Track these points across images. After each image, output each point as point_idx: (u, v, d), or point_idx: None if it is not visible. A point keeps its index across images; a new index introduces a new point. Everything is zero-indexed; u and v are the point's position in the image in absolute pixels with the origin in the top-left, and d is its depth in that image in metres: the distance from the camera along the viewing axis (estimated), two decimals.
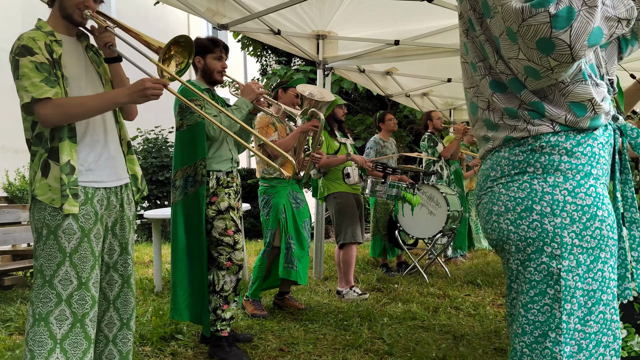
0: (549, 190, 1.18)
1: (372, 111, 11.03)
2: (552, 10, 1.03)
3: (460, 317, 3.69)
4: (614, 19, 1.09)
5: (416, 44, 4.82)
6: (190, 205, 2.84)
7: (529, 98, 1.20)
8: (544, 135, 1.19)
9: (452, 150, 5.61)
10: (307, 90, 3.66)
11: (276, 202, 3.70)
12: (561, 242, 1.16)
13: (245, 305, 3.77)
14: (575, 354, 1.17)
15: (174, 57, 2.08)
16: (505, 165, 1.25)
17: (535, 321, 1.20)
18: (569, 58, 1.06)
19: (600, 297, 1.18)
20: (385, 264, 5.65)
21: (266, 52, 12.37)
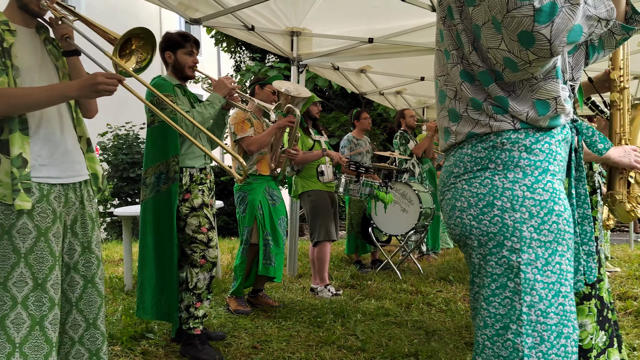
0: (509, 186, 1.21)
1: (347, 109, 11.07)
2: (537, 4, 1.04)
3: (432, 312, 3.74)
4: (594, 18, 1.12)
5: (390, 42, 4.85)
6: (162, 203, 2.80)
7: (495, 92, 1.23)
8: (505, 132, 1.22)
9: (424, 147, 5.66)
10: (284, 87, 3.65)
11: (252, 198, 3.67)
12: (520, 236, 1.19)
13: (228, 302, 3.75)
14: (537, 345, 1.18)
15: (135, 52, 2.02)
16: (468, 161, 1.28)
17: (497, 314, 1.22)
18: (548, 53, 1.07)
19: (559, 289, 1.20)
20: (359, 260, 5.68)
21: (240, 48, 12.28)
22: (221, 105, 2.96)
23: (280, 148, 3.81)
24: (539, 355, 1.19)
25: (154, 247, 2.83)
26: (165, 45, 2.94)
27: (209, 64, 15.99)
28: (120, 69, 1.93)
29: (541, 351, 1.19)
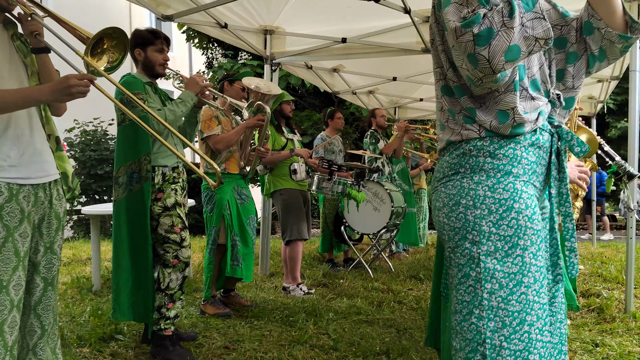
0: (473, 186, 1.37)
1: (319, 107, 11.08)
2: (476, 31, 1.21)
3: (403, 311, 3.78)
4: (531, 38, 1.23)
5: (363, 42, 4.88)
6: (135, 202, 2.75)
7: (466, 104, 1.40)
8: (472, 140, 1.39)
9: (394, 147, 5.72)
10: (253, 83, 3.61)
11: (220, 198, 3.62)
12: (480, 230, 1.34)
13: (204, 310, 3.67)
14: (499, 329, 1.30)
15: (107, 51, 1.98)
16: (445, 167, 1.46)
17: (463, 300, 1.36)
18: (490, 70, 1.23)
19: (521, 279, 1.31)
20: (332, 259, 5.70)
21: (212, 45, 12.16)
22: (193, 103, 2.93)
23: (250, 146, 3.78)
24: (501, 339, 1.30)
25: (129, 247, 2.78)
26: (134, 42, 2.89)
27: (180, 60, 15.78)
28: (91, 68, 1.89)
29: (503, 335, 1.30)
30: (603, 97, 7.12)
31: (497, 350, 1.30)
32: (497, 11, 1.21)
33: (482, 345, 1.31)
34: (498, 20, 1.21)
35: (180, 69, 3.66)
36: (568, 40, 1.49)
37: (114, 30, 1.92)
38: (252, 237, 3.75)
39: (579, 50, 1.49)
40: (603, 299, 3.96)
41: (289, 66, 5.68)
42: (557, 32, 1.49)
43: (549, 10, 1.51)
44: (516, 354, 1.29)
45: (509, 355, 1.29)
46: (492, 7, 1.23)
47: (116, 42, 1.96)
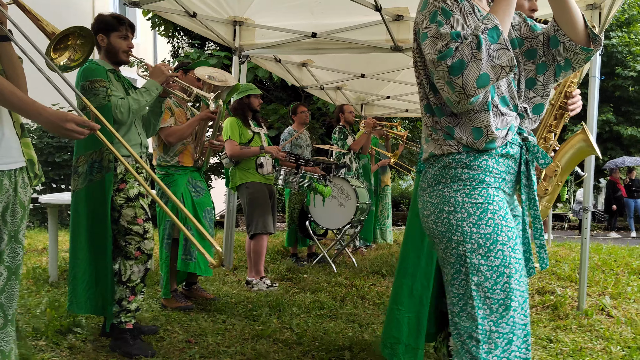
0: (453, 194, 1.55)
1: (287, 101, 11.03)
2: (449, 63, 1.40)
3: (365, 306, 3.82)
4: (498, 67, 1.41)
5: (333, 37, 4.88)
6: (95, 193, 2.68)
7: (445, 122, 1.58)
8: (451, 154, 1.57)
9: (361, 143, 5.76)
10: (207, 73, 3.50)
11: (173, 191, 3.51)
12: (462, 231, 1.52)
13: (165, 304, 3.60)
14: (488, 315, 1.49)
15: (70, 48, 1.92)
16: (429, 178, 1.63)
17: (458, 293, 1.55)
18: (464, 95, 1.42)
19: (503, 270, 1.49)
20: (295, 253, 5.71)
21: (178, 34, 11.92)
22: (158, 93, 2.87)
23: (204, 138, 3.71)
24: (490, 324, 1.49)
25: (88, 239, 2.70)
26: (98, 27, 2.81)
27: (144, 48, 15.40)
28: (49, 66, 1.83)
29: (492, 320, 1.49)
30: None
31: (488, 334, 1.48)
32: (467, 45, 1.39)
33: (476, 331, 1.49)
34: (468, 52, 1.39)
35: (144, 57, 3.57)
36: (537, 53, 1.66)
37: (82, 30, 1.87)
38: (209, 230, 3.69)
39: (548, 61, 1.65)
40: (557, 296, 4.10)
41: (257, 59, 5.63)
42: (527, 45, 1.67)
43: (520, 24, 1.69)
44: (503, 336, 1.48)
45: (498, 337, 1.48)
46: (462, 41, 1.41)
47: (82, 41, 1.90)
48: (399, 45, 4.79)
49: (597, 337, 3.14)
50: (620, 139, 13.88)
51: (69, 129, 1.72)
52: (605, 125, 13.52)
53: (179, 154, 3.60)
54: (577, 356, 2.81)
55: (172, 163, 3.57)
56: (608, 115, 13.50)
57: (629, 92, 13.56)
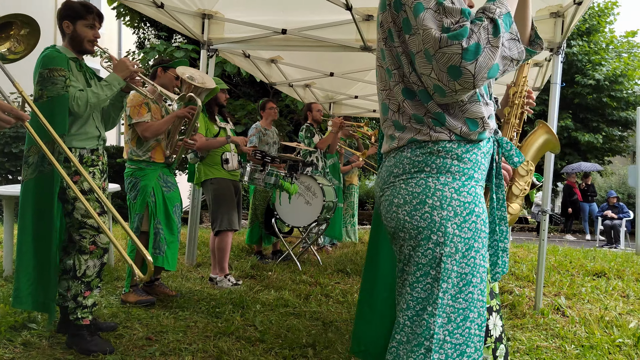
0: (440, 187, 1.38)
1: (254, 97, 10.95)
2: (464, 44, 1.21)
3: (329, 304, 3.84)
4: (508, 58, 1.29)
5: (303, 35, 4.87)
6: (44, 185, 2.58)
7: (434, 109, 1.39)
8: (442, 142, 1.39)
9: (328, 142, 5.77)
10: (188, 73, 3.50)
11: (144, 185, 3.51)
12: (445, 231, 1.37)
13: (126, 299, 3.53)
14: (445, 325, 1.38)
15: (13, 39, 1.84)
16: (407, 164, 1.43)
17: (418, 297, 1.40)
18: (471, 85, 1.25)
19: (470, 279, 1.39)
20: (260, 251, 5.67)
21: (144, 25, 11.67)
22: (120, 88, 2.80)
23: (177, 136, 3.67)
24: (446, 333, 1.37)
25: (33, 232, 2.60)
26: (64, 13, 2.72)
27: (108, 38, 15.01)
28: None
29: (447, 329, 1.37)
30: None
31: (441, 343, 1.37)
32: (484, 28, 1.24)
33: (429, 340, 1.37)
34: (484, 37, 1.23)
35: (108, 47, 3.48)
36: None
37: (29, 21, 1.78)
38: (178, 225, 3.66)
39: None
40: (515, 296, 4.21)
41: (226, 53, 5.56)
42: None
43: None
44: (456, 347, 1.38)
45: (450, 348, 1.38)
46: (473, 21, 1.25)
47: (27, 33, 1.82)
48: (368, 45, 4.81)
49: (553, 336, 3.24)
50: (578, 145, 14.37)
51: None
52: (564, 131, 13.98)
53: (152, 149, 3.57)
54: (533, 354, 2.89)
55: (144, 158, 3.54)
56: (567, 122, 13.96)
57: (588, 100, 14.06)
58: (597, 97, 14.05)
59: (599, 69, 13.88)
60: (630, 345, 3.06)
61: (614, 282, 4.92)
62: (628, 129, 14.90)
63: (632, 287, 4.75)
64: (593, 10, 14.75)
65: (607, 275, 5.31)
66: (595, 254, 7.04)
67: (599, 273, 5.44)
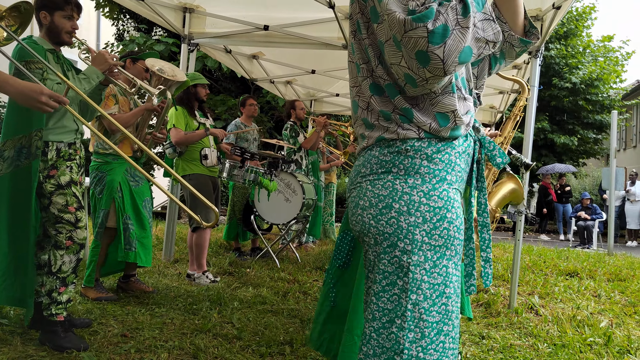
0: (408, 190, 1.27)
1: (235, 92, 10.89)
2: (430, 27, 1.11)
3: (307, 301, 3.84)
4: (482, 40, 1.21)
5: (285, 32, 4.86)
6: (20, 180, 2.53)
7: (401, 104, 1.29)
8: (410, 140, 1.29)
9: (313, 141, 5.78)
10: (157, 65, 3.42)
11: (111, 179, 3.43)
12: (413, 239, 1.26)
13: (85, 293, 3.48)
14: (418, 340, 1.26)
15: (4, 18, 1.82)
16: (374, 163, 1.33)
17: (385, 308, 1.28)
18: (442, 72, 1.15)
19: (443, 290, 1.28)
20: (239, 247, 5.65)
21: (124, 16, 11.50)
22: (98, 81, 2.76)
23: (146, 129, 3.62)
24: (419, 350, 1.26)
25: (8, 227, 2.55)
26: (41, 4, 2.66)
27: (87, 28, 14.73)
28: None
29: (421, 345, 1.26)
30: (503, 107, 7.66)
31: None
32: (451, 7, 1.13)
33: (400, 355, 1.26)
34: (452, 18, 1.12)
35: (86, 39, 3.41)
36: None
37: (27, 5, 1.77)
38: (148, 219, 3.60)
39: None
40: (490, 295, 4.27)
41: (207, 48, 5.52)
42: None
43: None
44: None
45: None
46: (441, 2, 1.14)
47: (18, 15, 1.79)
48: None
49: (526, 335, 3.30)
50: (554, 147, 14.64)
51: (44, 102, 1.65)
52: (541, 133, 14.22)
53: (119, 142, 3.49)
54: (507, 352, 2.94)
55: (111, 151, 3.46)
56: (543, 124, 14.21)
57: (564, 103, 14.32)
58: (573, 100, 14.33)
59: (576, 73, 14.15)
60: (601, 344, 3.14)
61: (586, 282, 5.03)
62: (602, 132, 15.24)
63: (603, 287, 4.87)
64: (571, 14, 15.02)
65: (579, 275, 5.43)
66: (568, 254, 7.19)
67: (571, 273, 5.56)
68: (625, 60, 15.70)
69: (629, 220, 12.44)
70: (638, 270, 5.84)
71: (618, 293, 4.64)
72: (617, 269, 5.81)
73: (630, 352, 3.04)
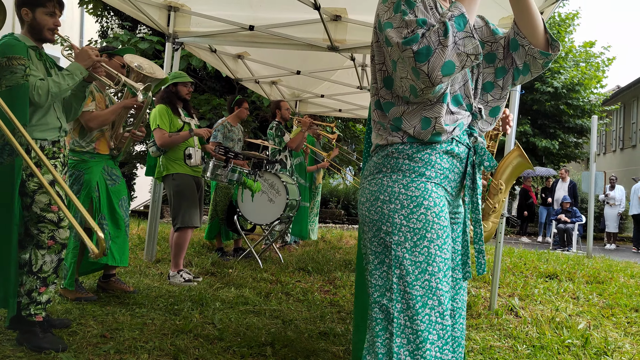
0: (391, 184, 1.54)
1: (220, 92, 10.83)
2: (415, 48, 1.38)
3: (290, 302, 3.84)
4: (463, 54, 1.40)
5: (270, 32, 4.85)
6: (3, 177, 2.50)
7: (393, 115, 1.57)
8: (395, 144, 1.57)
9: (298, 142, 5.78)
10: (136, 62, 3.38)
11: (88, 179, 3.37)
12: (392, 222, 1.51)
13: (64, 294, 3.44)
14: (405, 310, 1.47)
15: None
16: (372, 166, 1.62)
17: (377, 284, 1.53)
18: (429, 83, 1.40)
19: (425, 268, 1.48)
20: (221, 247, 5.63)
21: (108, 13, 11.37)
22: (82, 77, 2.73)
23: (123, 127, 3.58)
24: (406, 319, 1.47)
25: None
26: (23, 0, 2.63)
27: (70, 25, 14.55)
28: None
29: (408, 315, 1.47)
30: None
31: (402, 328, 1.47)
32: (434, 31, 1.38)
33: (391, 324, 1.47)
34: (435, 39, 1.37)
35: (69, 36, 3.37)
36: (496, 57, 1.66)
37: None
38: (125, 218, 3.55)
39: (507, 64, 1.66)
40: (471, 296, 4.32)
41: (192, 47, 5.49)
42: (487, 48, 1.67)
43: (482, 28, 1.68)
44: (417, 333, 1.46)
45: (411, 333, 1.46)
46: (429, 28, 1.40)
47: None
48: (335, 45, 4.84)
49: (506, 336, 3.34)
50: (536, 150, 14.81)
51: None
52: (522, 136, 14.38)
53: (96, 140, 3.44)
54: (487, 354, 2.98)
55: (88, 149, 3.41)
56: (525, 127, 14.37)
57: (546, 107, 14.50)
58: (554, 105, 14.51)
59: (558, 77, 14.34)
60: (579, 346, 3.19)
61: (565, 284, 5.11)
62: (583, 136, 15.47)
63: (582, 289, 4.95)
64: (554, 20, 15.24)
65: (559, 278, 5.51)
66: (548, 257, 7.29)
67: (551, 275, 5.64)
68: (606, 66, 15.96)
69: (607, 223, 12.65)
70: (616, 272, 5.94)
71: (596, 295, 4.72)
72: (596, 271, 5.91)
73: (607, 353, 3.09)
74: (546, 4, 3.73)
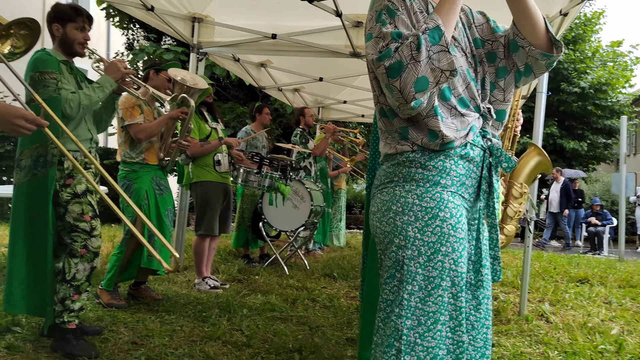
0: (404, 194, 1.45)
1: (244, 100, 10.94)
2: (387, 64, 1.32)
3: (316, 308, 3.85)
4: (437, 70, 1.32)
5: (292, 40, 4.89)
6: (37, 188, 2.58)
7: (399, 124, 1.49)
8: (406, 153, 1.48)
9: (322, 148, 5.81)
10: (180, 75, 3.53)
11: (138, 187, 3.50)
12: (406, 235, 1.42)
13: (100, 295, 3.53)
14: (415, 327, 1.40)
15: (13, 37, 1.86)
16: (382, 176, 1.54)
17: (388, 299, 1.45)
18: (403, 100, 1.34)
19: (439, 283, 1.40)
20: (247, 254, 5.67)
21: (134, 26, 11.62)
22: (112, 90, 2.80)
23: (171, 138, 3.68)
24: (416, 336, 1.40)
25: (26, 235, 2.59)
26: (54, 16, 2.72)
27: (97, 38, 14.92)
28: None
29: (418, 332, 1.40)
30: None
31: (412, 345, 1.39)
32: (407, 45, 1.31)
33: (399, 340, 1.39)
34: (407, 54, 1.30)
35: (96, 48, 3.48)
36: (497, 56, 1.56)
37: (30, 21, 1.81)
38: (170, 229, 3.66)
39: (508, 65, 1.56)
40: (500, 302, 4.25)
41: (215, 56, 5.57)
42: (488, 47, 1.57)
43: (482, 25, 1.59)
44: (427, 350, 1.40)
45: (422, 350, 1.40)
46: (403, 42, 1.33)
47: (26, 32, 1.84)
48: (357, 51, 4.85)
49: (536, 342, 3.28)
50: (563, 152, 14.55)
51: (18, 125, 1.66)
52: (549, 138, 14.14)
53: (145, 151, 3.58)
54: None
55: (138, 160, 3.54)
56: (552, 129, 14.13)
57: (573, 108, 14.24)
58: (582, 105, 14.25)
59: (584, 77, 14.08)
60: (612, 352, 3.11)
61: (597, 289, 4.99)
62: (612, 137, 15.13)
63: (614, 293, 4.83)
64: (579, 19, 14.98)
65: (590, 282, 5.39)
66: (579, 261, 7.14)
67: (582, 279, 5.52)
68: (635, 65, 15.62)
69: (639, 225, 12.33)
70: None
71: (629, 300, 4.60)
72: (629, 275, 5.76)
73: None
74: (571, 4, 3.68)
